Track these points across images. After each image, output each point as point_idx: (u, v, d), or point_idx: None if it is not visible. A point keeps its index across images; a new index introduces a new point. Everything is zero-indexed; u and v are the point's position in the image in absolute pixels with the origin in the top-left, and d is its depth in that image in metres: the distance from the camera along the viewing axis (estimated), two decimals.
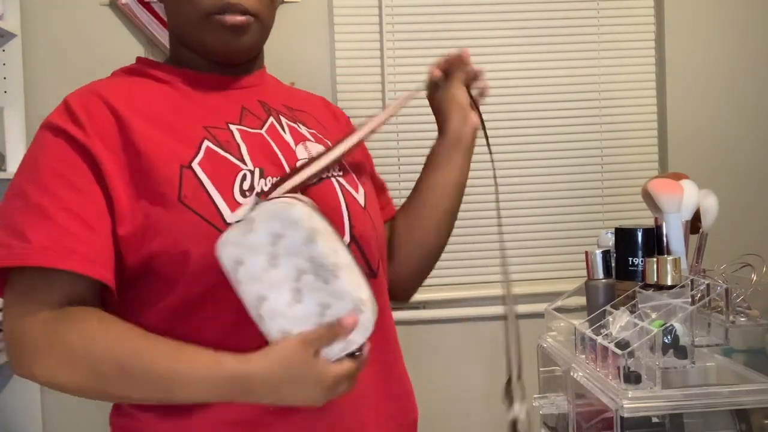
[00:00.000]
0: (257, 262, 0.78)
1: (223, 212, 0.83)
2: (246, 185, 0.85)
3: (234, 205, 0.83)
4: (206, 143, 0.87)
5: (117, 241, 0.82)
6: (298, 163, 0.90)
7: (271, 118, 0.96)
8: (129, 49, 2.14)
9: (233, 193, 0.84)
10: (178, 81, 0.94)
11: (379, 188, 1.09)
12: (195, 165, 0.85)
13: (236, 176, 0.86)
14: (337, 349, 0.78)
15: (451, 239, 1.09)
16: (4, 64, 2.05)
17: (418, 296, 1.03)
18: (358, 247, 0.90)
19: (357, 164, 1.02)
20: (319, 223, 0.78)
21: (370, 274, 0.91)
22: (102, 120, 0.85)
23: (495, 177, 1.13)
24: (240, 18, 0.90)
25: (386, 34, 2.31)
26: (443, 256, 1.10)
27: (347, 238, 0.89)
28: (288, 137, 0.94)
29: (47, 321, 0.79)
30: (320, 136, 0.99)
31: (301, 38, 2.22)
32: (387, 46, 2.31)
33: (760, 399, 0.89)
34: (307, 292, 0.78)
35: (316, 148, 0.95)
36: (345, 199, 0.92)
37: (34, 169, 0.84)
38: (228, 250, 0.78)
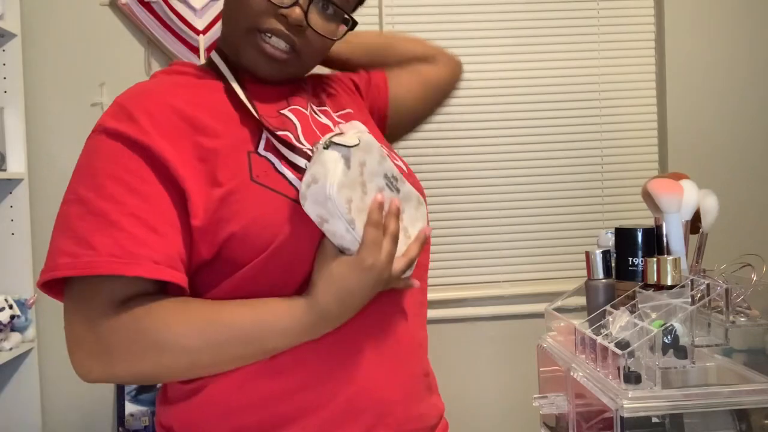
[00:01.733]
0: (357, 195, 0.84)
1: (294, 184, 0.87)
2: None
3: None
4: (264, 131, 0.91)
5: (191, 233, 0.83)
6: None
7: (310, 106, 1.02)
8: (129, 49, 2.14)
9: (299, 167, 0.89)
10: (235, 84, 0.95)
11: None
12: (261, 150, 0.89)
13: (302, 162, 0.90)
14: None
15: (452, 239, 1.09)
16: (4, 64, 2.05)
17: None
18: None
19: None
20: (377, 143, 0.88)
21: None
22: (163, 117, 0.86)
23: None
24: (279, 53, 0.93)
25: None
26: (444, 255, 1.11)
27: None
28: (325, 120, 1.02)
29: (119, 318, 0.80)
30: (350, 112, 1.08)
31: None
32: None
33: (760, 399, 0.89)
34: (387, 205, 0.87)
35: (359, 126, 1.01)
36: None
37: (92, 175, 0.83)
38: (341, 193, 0.81)
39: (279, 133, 0.91)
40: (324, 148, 0.83)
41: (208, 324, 0.82)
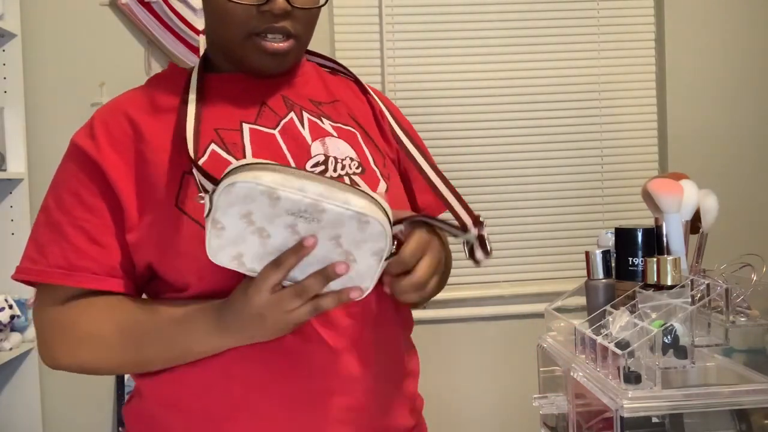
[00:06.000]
0: (252, 244, 0.77)
1: None
2: None
3: None
4: (212, 146, 0.89)
5: (127, 247, 0.89)
6: (307, 166, 0.91)
7: (292, 114, 0.96)
8: (129, 49, 2.14)
9: None
10: (192, 98, 0.94)
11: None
12: (195, 170, 0.86)
13: None
14: (369, 266, 0.78)
15: (452, 239, 1.08)
16: (4, 64, 2.05)
17: None
18: None
19: (386, 156, 1.01)
20: (269, 177, 0.75)
21: None
22: (118, 131, 0.91)
23: None
24: (281, 45, 0.92)
25: (386, 34, 2.31)
26: None
27: None
28: (306, 133, 0.95)
29: (60, 312, 0.89)
30: (348, 127, 0.99)
31: None
32: (387, 46, 2.31)
33: (760, 399, 0.89)
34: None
35: (336, 145, 0.94)
36: None
37: (56, 185, 0.93)
38: (220, 256, 0.79)
39: (223, 155, 0.88)
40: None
41: (128, 321, 0.88)
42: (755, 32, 2.39)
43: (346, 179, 0.92)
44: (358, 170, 0.94)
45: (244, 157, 0.89)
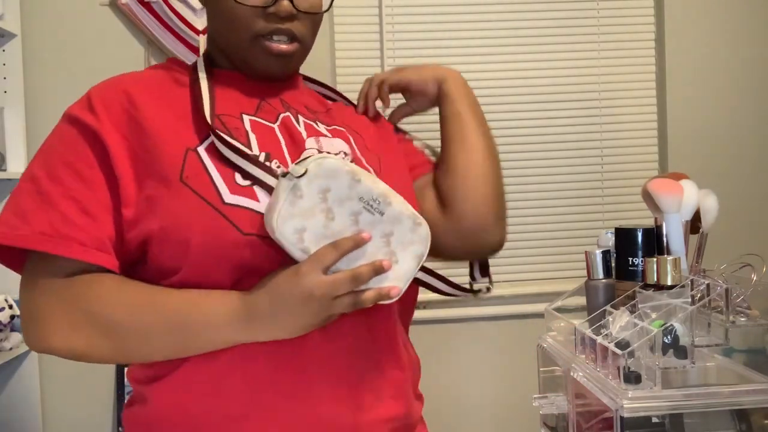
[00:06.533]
0: (317, 223, 0.81)
1: (222, 194, 0.84)
2: (248, 171, 0.87)
3: (235, 188, 0.85)
4: (215, 131, 0.89)
5: (122, 223, 0.86)
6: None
7: (288, 113, 0.97)
8: (129, 49, 2.14)
9: (235, 177, 0.86)
10: (203, 77, 0.96)
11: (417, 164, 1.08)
12: (201, 149, 0.87)
13: (236, 161, 0.87)
14: (408, 267, 0.85)
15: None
16: (4, 64, 2.05)
17: (419, 296, 1.02)
18: None
19: (380, 155, 1.01)
20: (352, 165, 0.83)
21: None
22: (116, 105, 0.89)
23: None
24: (286, 47, 0.94)
25: (386, 34, 2.31)
26: None
27: None
28: (301, 128, 0.96)
29: (59, 289, 0.84)
30: (341, 128, 1.00)
31: None
32: (387, 46, 2.31)
33: (760, 399, 0.89)
34: (369, 230, 0.82)
35: (330, 142, 0.96)
36: None
37: (47, 156, 0.89)
38: (287, 224, 0.80)
39: (228, 138, 0.89)
40: (282, 176, 0.82)
41: (139, 302, 0.84)
42: (755, 32, 2.39)
43: None
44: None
45: (249, 143, 0.90)
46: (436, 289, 0.97)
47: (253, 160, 0.86)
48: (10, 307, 1.91)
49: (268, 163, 0.88)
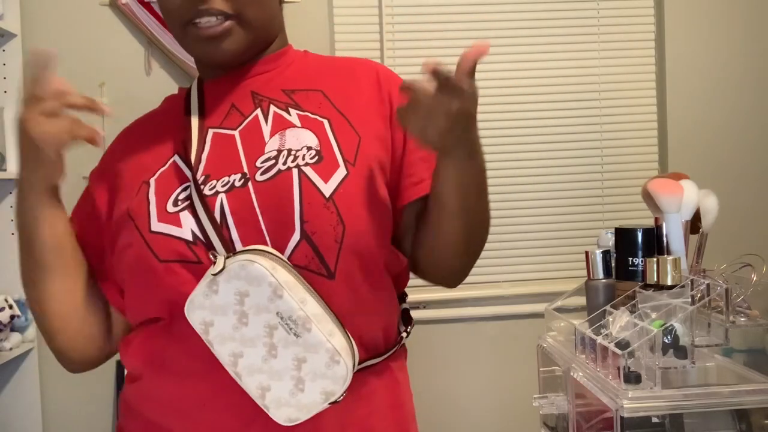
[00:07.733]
0: (227, 322, 0.79)
1: (151, 222, 0.87)
2: (183, 195, 0.88)
3: (163, 216, 0.87)
4: (175, 157, 0.92)
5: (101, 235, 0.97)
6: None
7: (258, 111, 0.93)
8: (129, 49, 2.14)
9: (167, 203, 0.88)
10: (181, 100, 0.98)
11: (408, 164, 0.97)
12: (153, 179, 0.90)
13: (178, 187, 0.88)
14: (314, 400, 0.79)
15: None
16: (4, 64, 2.05)
17: (418, 296, 1.02)
18: (310, 244, 0.84)
19: (351, 144, 0.91)
20: (284, 276, 0.78)
21: (327, 275, 0.84)
22: (114, 155, 0.99)
23: None
24: (215, 29, 0.89)
25: (386, 34, 2.31)
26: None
27: (297, 235, 0.84)
28: (267, 129, 0.91)
29: None
30: (316, 116, 0.92)
31: (301, 38, 2.22)
32: (387, 46, 2.31)
33: (760, 399, 0.89)
34: (281, 347, 0.78)
35: (296, 135, 0.89)
36: (302, 192, 0.85)
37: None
38: (196, 313, 0.80)
39: (180, 164, 0.92)
40: (213, 262, 0.81)
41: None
42: (755, 32, 2.39)
43: (295, 170, 0.86)
44: (313, 160, 0.87)
45: (200, 162, 0.89)
46: None
47: (192, 184, 0.88)
48: (10, 307, 1.90)
49: (202, 186, 0.87)
